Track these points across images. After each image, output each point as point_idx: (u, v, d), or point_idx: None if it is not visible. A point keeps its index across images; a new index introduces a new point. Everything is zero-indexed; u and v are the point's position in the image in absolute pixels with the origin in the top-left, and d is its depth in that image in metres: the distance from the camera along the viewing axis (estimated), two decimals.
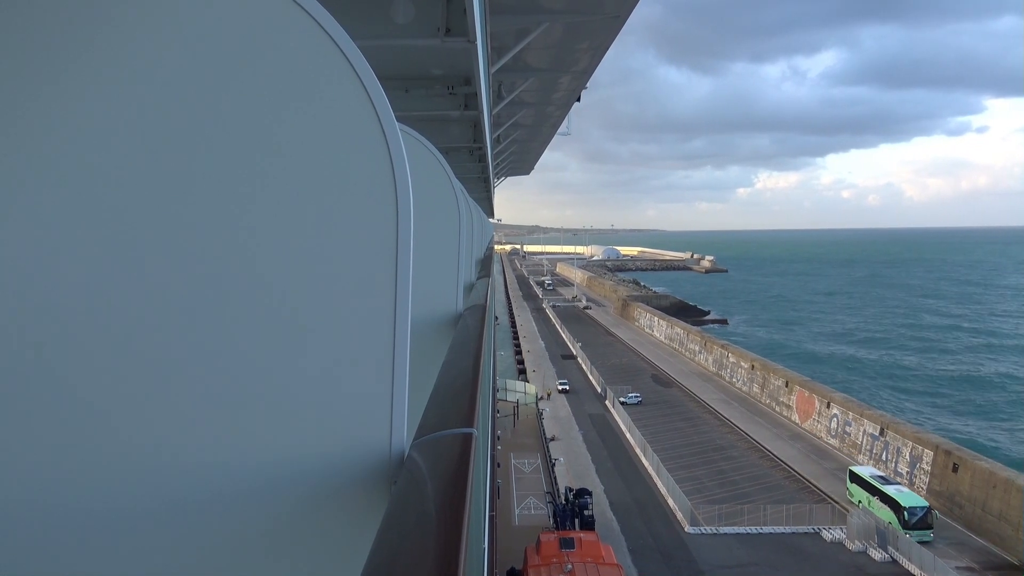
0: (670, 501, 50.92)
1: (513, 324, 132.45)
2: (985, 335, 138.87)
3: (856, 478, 51.81)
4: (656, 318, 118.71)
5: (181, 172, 2.05)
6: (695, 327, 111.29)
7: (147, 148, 2.02)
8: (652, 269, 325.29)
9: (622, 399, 76.02)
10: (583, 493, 43.73)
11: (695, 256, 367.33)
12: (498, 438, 48.74)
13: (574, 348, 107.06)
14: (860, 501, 50.01)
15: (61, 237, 1.98)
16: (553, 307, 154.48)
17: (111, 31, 2.00)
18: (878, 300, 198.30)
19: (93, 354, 2.01)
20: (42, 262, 1.98)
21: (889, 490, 48.28)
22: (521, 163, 55.13)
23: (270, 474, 2.11)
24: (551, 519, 42.24)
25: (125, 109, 2.01)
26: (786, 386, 71.84)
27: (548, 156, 56.71)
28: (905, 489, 49.30)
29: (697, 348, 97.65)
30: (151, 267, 2.04)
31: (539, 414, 65.33)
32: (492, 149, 27.72)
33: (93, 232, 2.00)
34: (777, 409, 72.59)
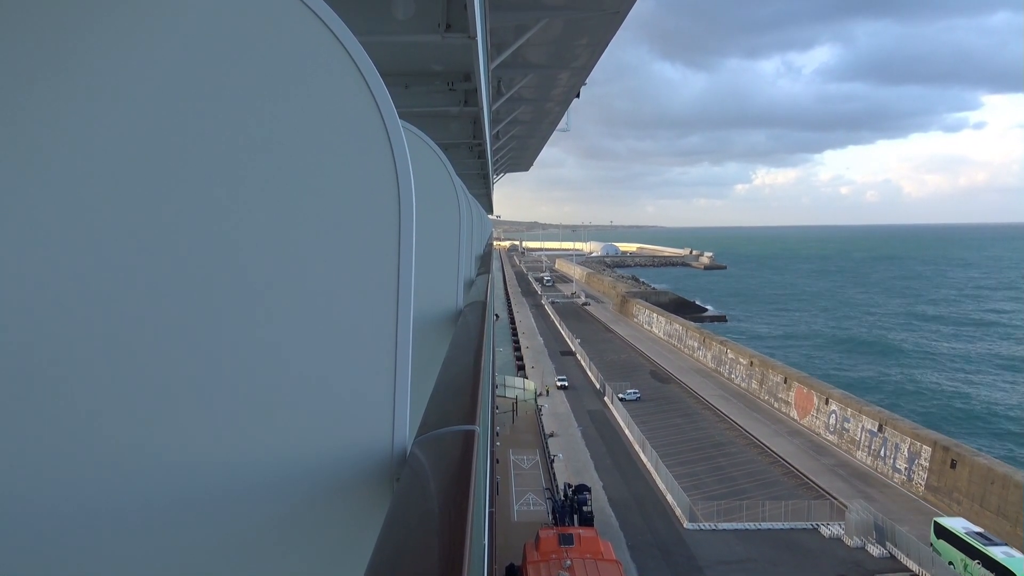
0: (669, 497, 50.95)
1: (512, 320, 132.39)
2: (985, 328, 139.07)
3: (944, 532, 41.58)
4: (655, 314, 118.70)
5: (181, 169, 2.04)
6: (694, 323, 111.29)
7: (146, 145, 2.02)
8: (651, 265, 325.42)
9: (621, 395, 76.01)
10: (582, 489, 43.70)
11: (694, 252, 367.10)
12: (497, 434, 48.78)
13: (573, 344, 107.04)
14: (951, 562, 40.13)
15: (59, 236, 1.97)
16: (552, 303, 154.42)
17: (107, 26, 1.99)
18: (874, 296, 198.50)
19: (95, 354, 2.01)
20: (42, 261, 1.97)
21: (995, 553, 38.12)
22: (520, 159, 55.05)
23: (273, 472, 2.11)
24: (550, 515, 42.22)
25: (123, 106, 2.00)
26: (785, 382, 71.88)
27: (545, 152, 56.66)
28: (1016, 552, 38.43)
29: (696, 344, 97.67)
30: (151, 266, 2.03)
31: (538, 410, 65.31)
32: (491, 145, 27.70)
33: (91, 231, 1.99)
34: (776, 405, 72.63)
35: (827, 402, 64.03)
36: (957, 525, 41.64)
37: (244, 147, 2.08)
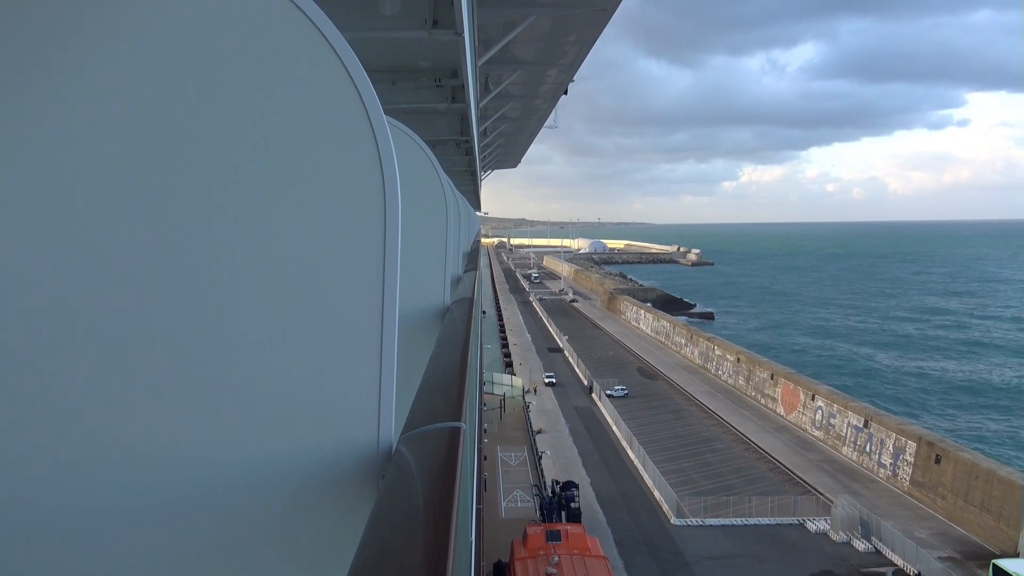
0: (656, 493, 51.12)
1: (500, 317, 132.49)
2: (970, 326, 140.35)
3: None
4: (642, 311, 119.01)
5: (164, 167, 2.02)
6: (681, 320, 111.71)
7: (128, 143, 2.00)
8: (639, 262, 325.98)
9: (608, 392, 76.17)
10: (569, 486, 43.79)
11: (681, 249, 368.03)
12: (485, 431, 48.81)
13: (561, 341, 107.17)
14: None
15: (44, 235, 1.96)
16: (540, 300, 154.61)
17: (88, 22, 1.97)
18: (861, 293, 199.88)
19: (80, 353, 2.00)
20: (28, 260, 1.95)
21: None
22: (508, 156, 55.05)
23: (259, 470, 2.11)
24: (538, 512, 42.32)
25: (103, 103, 1.98)
26: (771, 378, 72.23)
27: (532, 149, 56.65)
28: None
29: (683, 341, 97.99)
30: (136, 265, 2.01)
31: (526, 407, 65.41)
32: (479, 142, 27.66)
33: (76, 229, 1.97)
34: (762, 401, 72.98)
35: (813, 398, 64.39)
36: (1021, 570, 35.53)
37: (228, 144, 2.06)
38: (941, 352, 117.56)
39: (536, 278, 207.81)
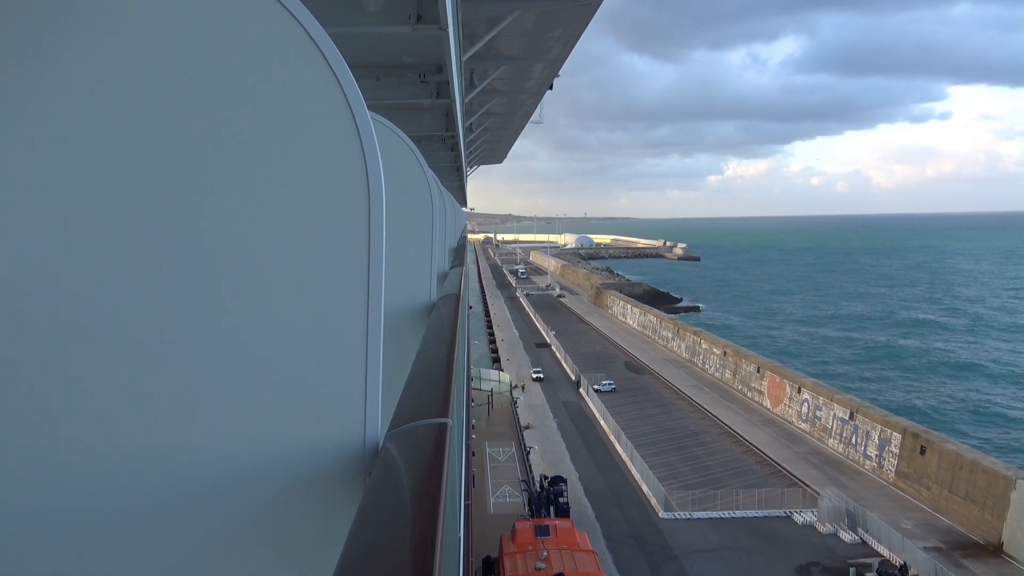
0: (644, 487, 51.30)
1: (487, 313, 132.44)
2: (953, 317, 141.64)
3: None
4: (629, 306, 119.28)
5: (148, 165, 2.01)
6: (668, 314, 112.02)
7: (111, 141, 1.98)
8: (625, 257, 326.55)
9: (596, 387, 76.31)
10: (558, 481, 43.85)
11: (667, 244, 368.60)
12: (473, 427, 48.83)
13: (548, 336, 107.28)
14: None
15: (32, 234, 1.94)
16: (527, 296, 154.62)
17: (71, 20, 1.95)
18: (846, 288, 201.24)
19: (66, 351, 1.98)
20: (16, 260, 1.93)
21: None
22: (494, 151, 54.95)
23: (245, 468, 2.10)
24: (526, 507, 42.36)
25: (86, 101, 1.96)
26: (758, 372, 72.58)
27: (518, 145, 56.55)
28: None
29: (670, 335, 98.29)
30: (121, 262, 2.00)
31: (513, 403, 65.44)
32: (464, 138, 27.60)
33: (61, 228, 1.96)
34: (749, 395, 73.35)
35: (799, 391, 64.77)
36: None
37: (211, 141, 2.05)
38: (933, 345, 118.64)
39: (523, 274, 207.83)
